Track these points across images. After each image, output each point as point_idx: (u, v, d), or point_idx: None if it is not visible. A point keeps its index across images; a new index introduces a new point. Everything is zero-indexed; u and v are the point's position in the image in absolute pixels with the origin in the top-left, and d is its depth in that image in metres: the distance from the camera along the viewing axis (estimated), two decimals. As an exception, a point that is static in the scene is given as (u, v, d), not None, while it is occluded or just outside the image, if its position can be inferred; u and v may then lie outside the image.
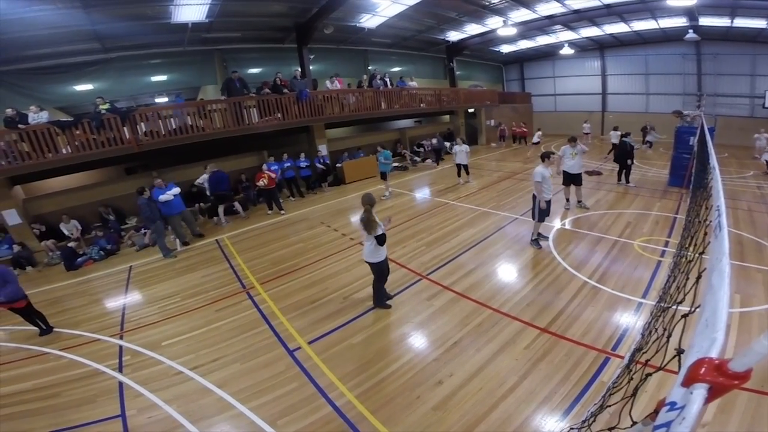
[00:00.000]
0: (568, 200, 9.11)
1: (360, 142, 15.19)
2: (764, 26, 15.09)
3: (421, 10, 13.47)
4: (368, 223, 4.59)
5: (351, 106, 13.59)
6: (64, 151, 8.29)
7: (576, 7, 14.80)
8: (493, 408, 3.44)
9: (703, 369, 0.68)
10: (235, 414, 3.62)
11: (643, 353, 1.78)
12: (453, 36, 18.65)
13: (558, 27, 17.99)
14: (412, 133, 18.54)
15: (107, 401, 3.97)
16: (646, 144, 17.69)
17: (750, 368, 0.63)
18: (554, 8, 14.97)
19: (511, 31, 15.91)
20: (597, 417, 1.71)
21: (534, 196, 6.68)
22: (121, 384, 4.21)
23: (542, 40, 21.05)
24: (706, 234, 1.68)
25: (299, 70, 12.86)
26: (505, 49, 23.01)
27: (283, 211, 10.42)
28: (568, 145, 8.65)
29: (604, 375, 3.71)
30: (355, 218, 8.63)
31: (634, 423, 1.17)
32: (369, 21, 13.89)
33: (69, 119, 8.67)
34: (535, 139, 20.33)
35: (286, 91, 11.49)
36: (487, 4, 14.27)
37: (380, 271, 4.94)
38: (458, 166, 11.89)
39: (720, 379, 0.65)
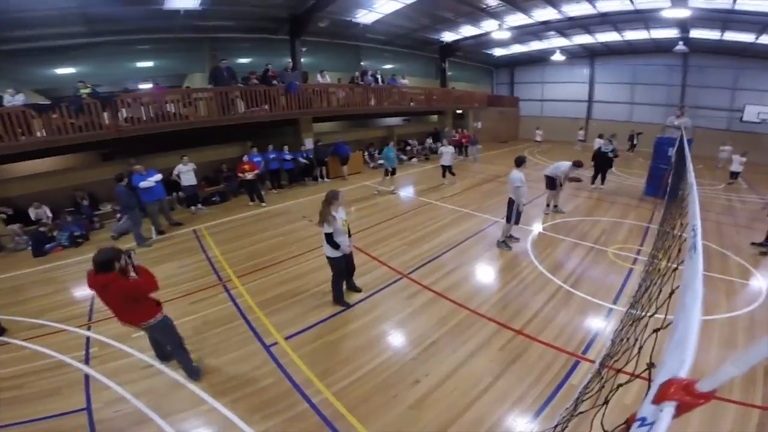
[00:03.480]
0: (548, 205, 9.32)
1: (348, 137, 15.10)
2: (753, 40, 15.71)
3: (418, 8, 13.50)
4: (321, 215, 4.60)
5: (340, 101, 13.48)
6: (38, 135, 7.93)
7: (571, 14, 15.08)
8: (467, 408, 3.50)
9: (673, 388, 0.71)
10: (208, 409, 3.56)
11: (615, 361, 1.83)
12: (447, 36, 18.76)
13: (552, 33, 18.34)
14: (400, 131, 18.58)
15: (72, 393, 3.84)
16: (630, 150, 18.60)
17: (715, 389, 0.66)
18: (550, 14, 15.21)
19: (506, 35, 16.13)
20: (569, 423, 1.75)
21: (510, 200, 6.78)
22: (87, 376, 4.08)
23: (535, 46, 21.41)
24: (680, 250, 1.73)
25: (290, 62, 12.68)
26: (498, 52, 23.30)
27: (264, 203, 10.29)
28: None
29: (574, 378, 3.82)
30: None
31: (606, 432, 1.21)
32: (365, 17, 13.83)
33: (47, 102, 8.31)
34: (538, 138, 21.54)
35: (275, 82, 11.31)
36: (484, 6, 14.42)
37: (333, 267, 4.96)
38: (443, 167, 12.01)
39: (687, 398, 0.69)
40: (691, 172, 5.74)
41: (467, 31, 17.88)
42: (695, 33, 16.28)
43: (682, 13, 12.10)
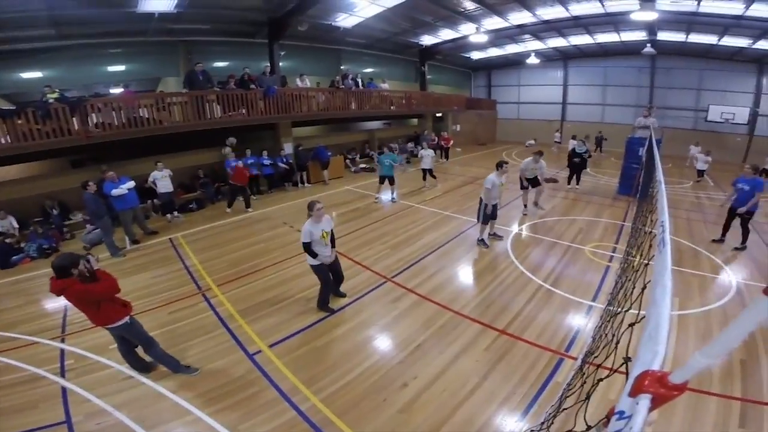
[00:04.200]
0: (525, 206, 9.53)
1: (328, 141, 15.01)
2: (715, 42, 16.50)
3: (399, 12, 13.63)
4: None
5: (320, 105, 13.44)
6: (2, 141, 7.58)
7: (546, 17, 15.55)
8: (456, 409, 3.55)
9: (647, 381, 0.76)
10: (193, 419, 3.49)
11: (595, 357, 1.90)
12: (427, 40, 18.99)
13: (527, 36, 18.79)
14: (381, 134, 18.63)
15: (50, 407, 3.69)
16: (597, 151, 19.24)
17: (687, 380, 0.71)
18: (525, 18, 15.65)
19: (483, 38, 16.47)
20: (554, 419, 1.80)
21: (480, 200, 7.02)
22: (64, 389, 3.92)
23: (511, 49, 21.92)
24: (651, 246, 1.82)
25: (268, 66, 12.55)
26: (476, 55, 23.73)
27: (250, 209, 10.13)
28: (531, 159, 9.08)
29: (558, 375, 3.92)
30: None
31: (589, 427, 1.26)
32: (345, 20, 13.84)
33: (11, 107, 7.95)
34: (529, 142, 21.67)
35: (253, 87, 11.17)
36: (462, 10, 14.69)
37: (317, 275, 4.98)
38: (423, 170, 12.09)
39: (661, 390, 0.73)
40: (660, 170, 5.99)
41: (446, 34, 18.15)
42: (662, 35, 17.02)
43: (650, 15, 12.55)
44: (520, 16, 15.55)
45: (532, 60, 21.65)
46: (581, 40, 19.53)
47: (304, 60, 15.83)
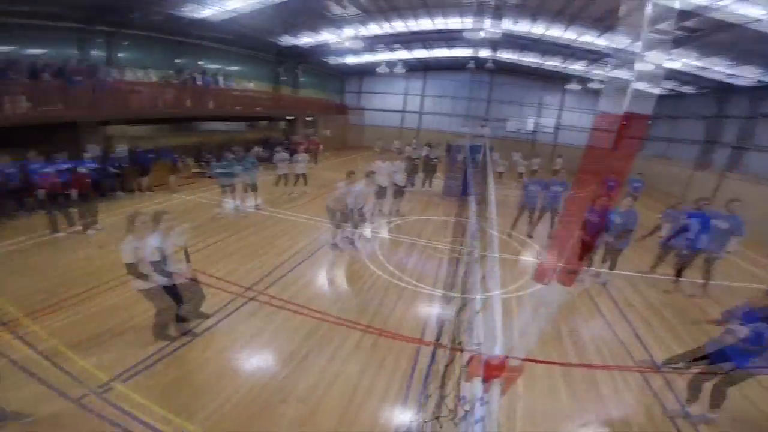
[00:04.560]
0: (380, 211, 10.14)
1: (174, 142, 13.14)
2: (538, 62, 20.44)
3: (267, 12, 12.90)
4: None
5: (163, 102, 11.77)
6: None
7: (417, 29, 16.98)
8: (357, 413, 3.64)
9: (492, 366, 0.92)
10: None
11: (458, 342, 2.19)
12: (299, 41, 18.60)
13: (397, 46, 20.14)
14: (242, 136, 17.31)
15: None
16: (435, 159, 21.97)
17: (522, 362, 0.90)
18: (400, 27, 16.79)
19: (359, 44, 16.90)
20: (428, 401, 1.96)
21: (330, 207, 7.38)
22: None
23: (382, 56, 23.13)
24: (485, 240, 2.18)
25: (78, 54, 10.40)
26: (350, 60, 24.21)
27: (92, 230, 7.82)
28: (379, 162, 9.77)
29: (437, 365, 4.33)
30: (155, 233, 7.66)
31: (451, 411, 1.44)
32: (200, 12, 12.42)
33: None
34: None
35: (79, 78, 9.12)
36: (342, 14, 14.79)
37: (154, 300, 4.30)
38: (286, 176, 11.51)
39: (505, 373, 0.90)
40: (491, 174, 7.17)
41: (322, 37, 18.14)
42: (501, 54, 20.31)
43: (495, 34, 14.10)
44: (396, 25, 16.66)
45: (399, 69, 23.44)
46: (443, 53, 21.92)
47: (144, 51, 13.69)
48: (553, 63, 20.25)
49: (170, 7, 11.58)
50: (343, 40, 16.74)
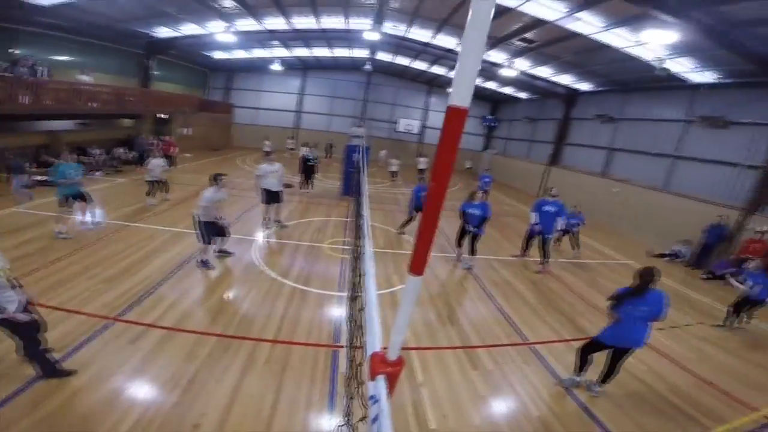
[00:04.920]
0: (268, 218, 9.22)
1: None
2: (408, 64, 21.86)
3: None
4: None
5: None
6: None
7: (298, 26, 16.38)
8: (268, 429, 3.46)
9: (376, 362, 1.02)
10: None
11: (354, 343, 2.29)
12: (162, 32, 16.41)
13: (276, 42, 19.15)
14: (72, 137, 14.11)
15: None
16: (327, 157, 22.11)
17: (400, 356, 1.03)
18: (279, 24, 15.96)
19: (231, 39, 15.58)
20: (351, 407, 1.98)
21: (196, 218, 6.43)
22: None
23: (257, 53, 21.80)
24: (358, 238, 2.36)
25: None
26: (218, 55, 22.23)
27: None
28: (265, 164, 8.79)
29: (340, 366, 4.43)
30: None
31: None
32: None
33: None
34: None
35: None
36: (217, 6, 13.50)
37: (11, 331, 3.56)
38: (151, 183, 10.03)
39: (388, 369, 1.01)
40: (365, 175, 7.55)
41: (189, 29, 16.20)
42: (379, 55, 21.15)
43: (375, 36, 14.35)
44: (274, 22, 15.83)
45: (276, 67, 22.39)
46: (322, 52, 21.72)
47: None
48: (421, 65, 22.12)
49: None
50: (212, 33, 15.37)
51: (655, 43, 10.01)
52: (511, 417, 4.08)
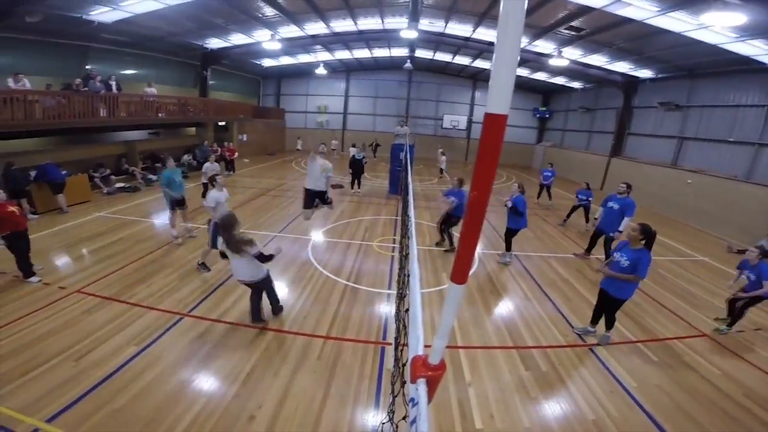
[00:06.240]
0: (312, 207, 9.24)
1: (62, 156, 11.33)
2: (450, 60, 21.45)
3: (184, 12, 12.05)
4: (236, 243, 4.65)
5: (48, 112, 10.35)
6: None
7: (337, 30, 16.92)
8: (316, 424, 3.60)
9: (417, 366, 1.00)
10: None
11: (400, 341, 2.31)
12: (214, 43, 17.60)
13: (318, 47, 19.81)
14: (145, 146, 15.64)
15: None
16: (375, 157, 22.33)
17: (442, 360, 1.00)
18: (319, 29, 16.57)
19: (277, 46, 16.34)
20: (394, 404, 2.02)
21: (211, 221, 6.54)
22: None
23: (302, 58, 22.68)
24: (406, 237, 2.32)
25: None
26: (267, 63, 23.38)
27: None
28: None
29: (387, 363, 4.51)
30: (65, 259, 6.94)
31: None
32: (104, 14, 11.28)
33: None
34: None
35: None
36: (260, 16, 14.30)
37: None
38: (205, 184, 10.41)
39: (429, 373, 0.98)
40: (410, 173, 7.43)
41: (238, 39, 17.27)
42: (419, 53, 21.12)
43: (412, 34, 13.87)
44: (315, 27, 16.42)
45: (321, 71, 23.07)
46: (362, 53, 22.09)
47: (35, 56, 12.10)
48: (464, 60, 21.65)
49: (58, 8, 10.31)
50: (259, 41, 16.11)
51: (720, 25, 9.09)
52: (563, 419, 3.89)
